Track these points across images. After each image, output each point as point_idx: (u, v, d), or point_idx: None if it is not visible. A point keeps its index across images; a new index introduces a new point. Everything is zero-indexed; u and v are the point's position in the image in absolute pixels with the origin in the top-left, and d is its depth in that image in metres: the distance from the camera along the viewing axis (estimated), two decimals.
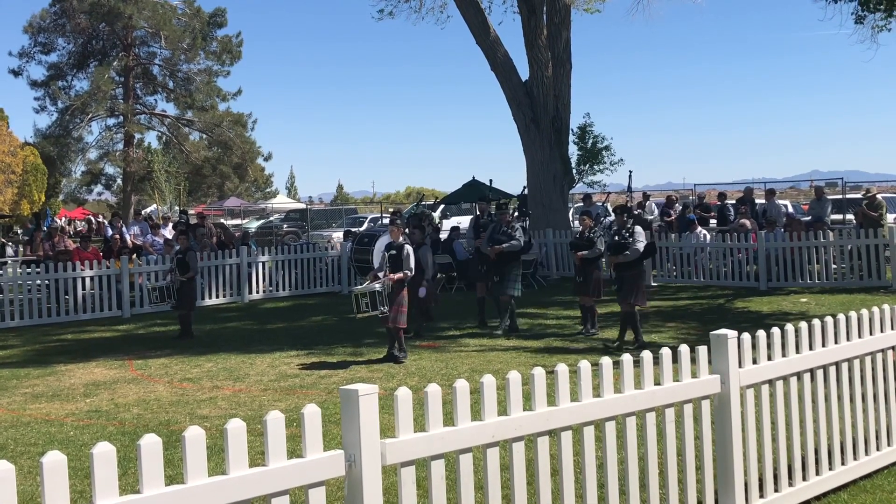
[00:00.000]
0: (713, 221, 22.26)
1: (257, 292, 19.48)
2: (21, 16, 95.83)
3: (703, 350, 5.14)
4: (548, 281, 20.59)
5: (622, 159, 25.91)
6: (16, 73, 53.55)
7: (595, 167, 24.66)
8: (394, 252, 11.53)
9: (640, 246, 12.05)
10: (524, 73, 22.95)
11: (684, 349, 5.03)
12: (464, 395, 3.98)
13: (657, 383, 4.91)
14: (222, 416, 8.51)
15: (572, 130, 23.83)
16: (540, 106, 22.47)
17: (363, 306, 11.41)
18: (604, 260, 13.53)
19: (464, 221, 31.90)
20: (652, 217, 23.10)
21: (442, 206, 32.22)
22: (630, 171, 19.85)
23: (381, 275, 11.48)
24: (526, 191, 22.13)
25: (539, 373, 4.28)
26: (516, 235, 13.54)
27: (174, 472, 5.69)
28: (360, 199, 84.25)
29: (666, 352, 4.93)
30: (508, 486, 4.25)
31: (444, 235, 21.78)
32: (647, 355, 4.83)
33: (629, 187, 19.60)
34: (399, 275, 11.36)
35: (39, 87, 53.52)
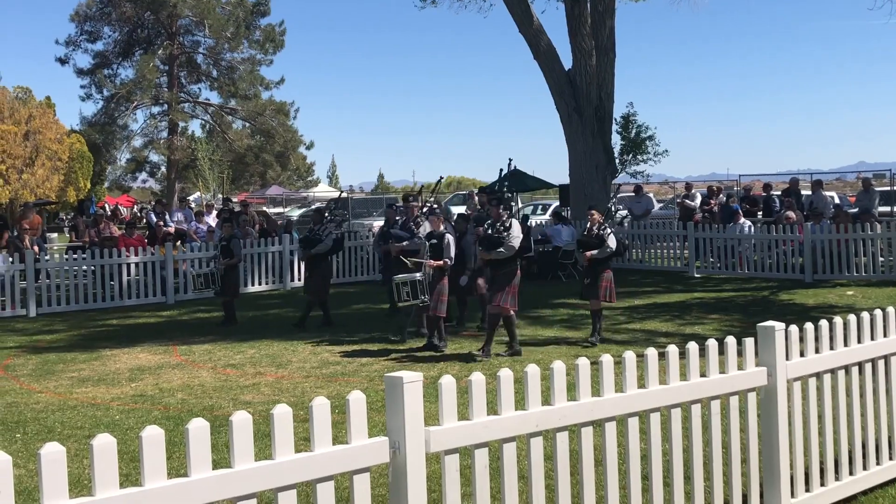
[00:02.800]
0: (759, 213, 22.00)
1: (299, 280, 19.57)
2: (68, 4, 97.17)
3: (749, 342, 5.08)
4: None
5: (667, 150, 25.69)
6: (62, 61, 54.27)
7: (638, 157, 24.45)
8: (434, 241, 11.54)
9: (515, 242, 10.72)
10: (567, 61, 22.82)
11: (731, 341, 4.98)
12: (507, 384, 3.97)
13: (703, 375, 4.86)
14: (265, 403, 8.58)
15: (615, 120, 23.65)
16: (583, 95, 22.32)
17: (404, 295, 11.45)
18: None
19: None
20: (693, 205, 22.90)
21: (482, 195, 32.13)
22: (510, 159, 19.27)
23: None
24: (514, 165, 21.30)
25: (583, 363, 4.26)
26: (508, 237, 10.87)
27: (218, 457, 5.74)
28: (400, 188, 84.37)
29: (712, 343, 4.88)
30: (551, 476, 4.23)
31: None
32: (692, 346, 4.79)
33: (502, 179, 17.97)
34: (439, 262, 11.36)
35: (85, 76, 54.20)
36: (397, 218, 14.03)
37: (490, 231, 11.08)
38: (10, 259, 16.41)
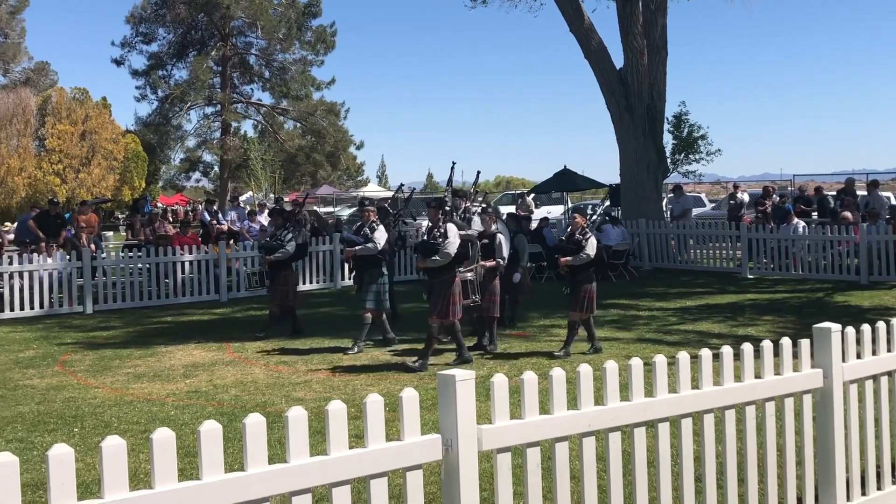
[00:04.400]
0: (814, 214, 21.69)
1: (349, 279, 19.70)
2: (124, 6, 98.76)
3: (804, 343, 5.02)
4: (640, 272, 20.34)
5: (719, 149, 25.41)
6: (118, 62, 55.16)
7: (690, 157, 24.22)
8: (486, 241, 11.54)
9: (451, 249, 10.24)
10: (618, 60, 22.69)
11: (786, 342, 4.92)
12: (560, 383, 3.96)
13: (757, 376, 4.81)
14: (317, 399, 8.66)
15: (667, 119, 23.46)
16: (634, 94, 22.18)
17: None
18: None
19: (554, 211, 31.81)
20: (736, 202, 22.64)
21: (532, 195, 32.11)
22: (454, 163, 18.53)
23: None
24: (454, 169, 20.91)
25: (636, 363, 4.24)
26: (444, 244, 10.34)
27: (271, 453, 5.81)
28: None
29: (767, 344, 4.83)
30: (602, 476, 4.22)
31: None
32: (747, 347, 4.74)
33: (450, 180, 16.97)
34: (491, 262, 11.36)
35: (140, 77, 55.03)
36: (358, 224, 12.62)
37: (426, 237, 10.62)
38: (68, 257, 16.75)
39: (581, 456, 4.04)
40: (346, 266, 17.35)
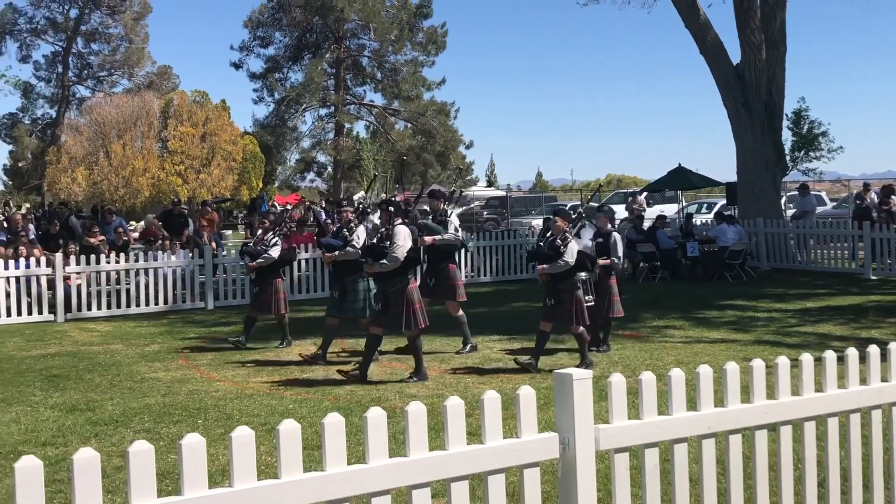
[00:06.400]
0: None
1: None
2: (242, 11, 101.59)
3: None
4: (757, 272, 19.84)
5: (841, 146, 24.55)
6: (237, 66, 56.89)
7: (811, 154, 23.48)
8: (601, 240, 11.44)
9: (400, 253, 9.56)
10: (735, 56, 22.18)
11: None
12: (679, 384, 3.92)
13: (884, 380, 4.65)
14: (430, 396, 8.74)
15: (786, 115, 22.81)
16: (752, 90, 21.65)
17: None
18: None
19: (668, 209, 31.30)
20: (865, 202, 21.84)
21: (645, 194, 31.68)
22: (404, 157, 17.70)
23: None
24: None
25: (758, 364, 4.16)
26: (392, 247, 9.68)
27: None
28: (559, 187, 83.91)
29: (894, 347, 4.66)
30: (721, 479, 4.15)
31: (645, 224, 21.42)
32: (873, 350, 4.60)
33: (398, 179, 15.68)
34: (607, 261, 11.27)
35: (258, 79, 56.59)
36: (339, 224, 11.94)
37: (375, 240, 9.98)
38: (191, 254, 17.35)
39: (700, 458, 3.99)
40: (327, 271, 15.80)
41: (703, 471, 3.98)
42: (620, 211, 29.33)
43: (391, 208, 10.09)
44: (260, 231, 12.71)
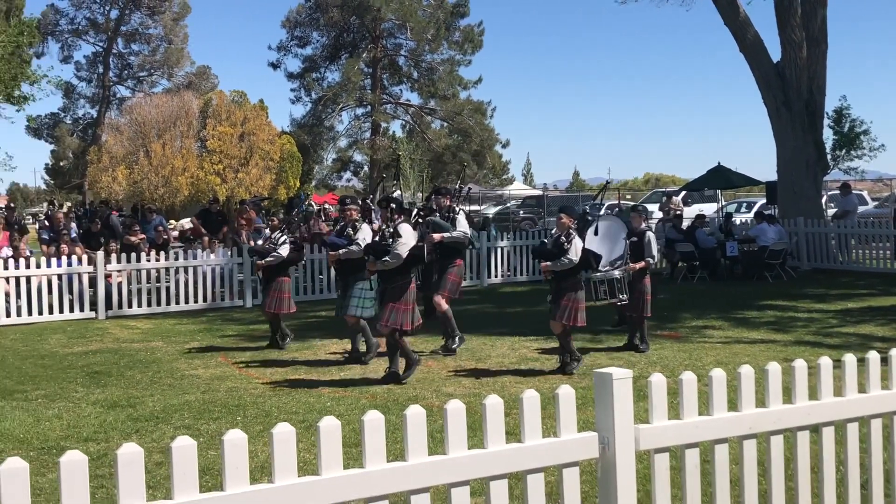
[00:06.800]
0: None
1: (496, 276, 19.83)
2: (280, 11, 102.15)
3: None
4: (797, 272, 19.62)
5: (883, 145, 24.19)
6: (274, 65, 57.26)
7: (852, 153, 23.17)
8: (635, 239, 11.38)
9: (403, 250, 9.40)
10: (775, 54, 21.96)
11: None
12: (720, 384, 3.89)
13: None
14: (466, 395, 8.75)
15: (827, 114, 22.53)
16: (792, 88, 21.41)
17: (601, 294, 11.35)
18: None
19: (707, 208, 31.04)
20: None
21: (683, 193, 31.44)
22: (399, 154, 17.48)
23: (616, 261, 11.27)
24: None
25: (800, 365, 4.12)
26: (395, 244, 9.53)
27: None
28: (595, 186, 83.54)
29: None
30: (762, 480, 4.11)
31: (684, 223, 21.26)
32: None
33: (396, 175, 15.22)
34: (640, 263, 11.20)
35: (295, 79, 56.95)
36: (341, 224, 11.64)
37: (378, 237, 9.74)
38: (229, 253, 17.49)
39: (742, 459, 3.95)
40: (331, 271, 15.64)
41: (744, 472, 3.95)
42: (656, 211, 29.15)
43: (392, 206, 10.03)
44: (268, 230, 12.62)
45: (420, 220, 10.75)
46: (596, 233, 11.24)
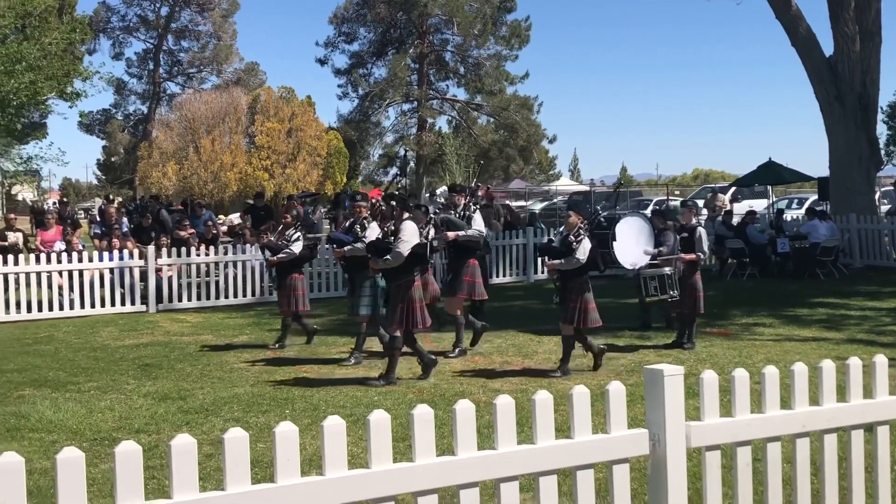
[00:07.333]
0: None
1: (542, 272, 19.75)
2: (327, 8, 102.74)
3: None
4: (850, 269, 19.30)
5: None
6: (322, 61, 57.66)
7: None
8: (685, 235, 11.28)
9: (404, 248, 9.22)
10: (828, 48, 21.61)
11: None
12: (773, 381, 3.84)
13: None
14: (514, 391, 8.73)
15: (881, 108, 22.16)
16: (845, 82, 21.05)
17: (651, 290, 11.27)
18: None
19: (757, 205, 30.66)
20: None
21: (732, 189, 31.09)
22: (405, 150, 17.44)
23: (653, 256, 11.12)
24: (409, 158, 20.05)
25: (855, 363, 4.05)
26: (397, 242, 9.39)
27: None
28: (643, 182, 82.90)
29: None
30: (814, 480, 4.06)
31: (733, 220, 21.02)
32: None
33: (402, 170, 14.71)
34: (691, 256, 11.10)
35: (342, 75, 57.28)
36: (350, 220, 11.30)
37: (381, 236, 9.60)
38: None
39: (794, 457, 3.90)
40: (340, 269, 15.39)
41: (796, 470, 3.90)
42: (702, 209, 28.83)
43: (393, 202, 9.82)
44: (282, 226, 12.48)
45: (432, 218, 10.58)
46: (614, 237, 11.07)
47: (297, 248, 11.85)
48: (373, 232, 10.41)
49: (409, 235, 9.31)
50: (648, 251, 11.06)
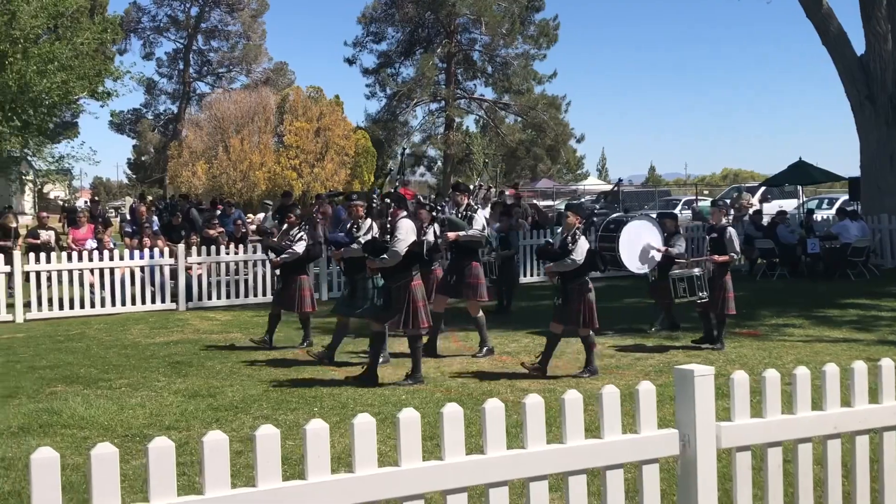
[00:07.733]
0: None
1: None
2: (356, 7, 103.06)
3: None
4: (881, 270, 19.11)
5: None
6: (350, 61, 57.79)
7: None
8: (715, 235, 11.22)
9: (401, 247, 9.11)
10: (859, 47, 21.42)
11: None
12: (804, 382, 3.82)
13: None
14: (541, 391, 8.71)
15: None
16: (877, 82, 20.85)
17: (680, 291, 11.23)
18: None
19: (787, 204, 30.43)
20: None
21: (763, 189, 30.87)
22: (404, 148, 17.03)
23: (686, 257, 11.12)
24: (406, 154, 19.69)
25: (888, 364, 4.02)
26: (393, 241, 9.26)
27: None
28: (672, 181, 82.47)
29: None
30: (845, 482, 4.03)
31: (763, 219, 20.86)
32: None
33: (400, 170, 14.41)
34: (724, 258, 11.04)
35: (370, 75, 57.41)
36: (349, 222, 11.12)
37: (377, 235, 9.45)
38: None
39: (825, 458, 3.88)
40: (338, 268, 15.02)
41: (828, 472, 3.88)
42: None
43: (387, 200, 9.70)
44: (286, 226, 12.34)
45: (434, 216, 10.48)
46: (619, 242, 11.01)
47: (299, 248, 11.73)
48: (372, 230, 10.27)
49: (405, 234, 9.20)
50: (653, 246, 11.05)
